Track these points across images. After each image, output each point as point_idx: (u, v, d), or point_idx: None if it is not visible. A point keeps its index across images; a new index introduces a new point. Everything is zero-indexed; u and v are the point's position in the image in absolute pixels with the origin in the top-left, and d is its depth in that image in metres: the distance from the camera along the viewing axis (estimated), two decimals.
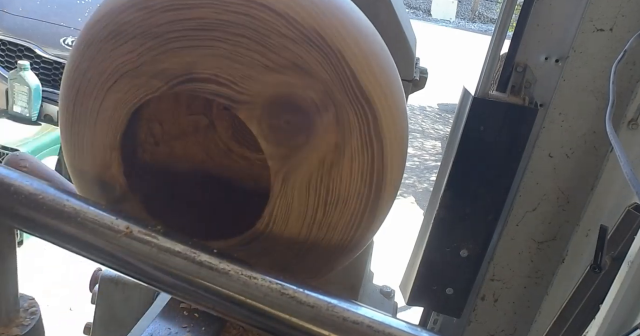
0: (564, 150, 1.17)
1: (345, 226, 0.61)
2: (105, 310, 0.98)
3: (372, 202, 0.61)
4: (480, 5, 18.48)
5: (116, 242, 0.44)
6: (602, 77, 1.11)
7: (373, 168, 0.59)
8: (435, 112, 7.67)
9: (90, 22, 0.60)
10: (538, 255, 1.26)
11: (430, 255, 1.18)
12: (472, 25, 17.14)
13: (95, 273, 1.05)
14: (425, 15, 17.59)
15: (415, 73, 1.02)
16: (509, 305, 1.32)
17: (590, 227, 1.18)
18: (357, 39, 0.58)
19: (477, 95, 1.08)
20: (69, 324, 2.45)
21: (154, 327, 0.70)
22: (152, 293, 0.94)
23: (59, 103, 0.64)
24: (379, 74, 0.59)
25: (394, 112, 0.61)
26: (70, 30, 3.47)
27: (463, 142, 1.10)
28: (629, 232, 0.79)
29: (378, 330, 0.39)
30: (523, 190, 1.21)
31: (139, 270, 0.45)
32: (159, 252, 0.43)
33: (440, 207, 1.14)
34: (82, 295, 2.46)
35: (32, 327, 0.58)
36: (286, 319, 0.40)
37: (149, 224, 0.46)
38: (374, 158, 0.59)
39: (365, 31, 0.61)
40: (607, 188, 1.15)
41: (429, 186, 5.13)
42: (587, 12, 1.07)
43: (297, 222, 0.59)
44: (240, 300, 0.42)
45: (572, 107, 1.14)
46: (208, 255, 0.44)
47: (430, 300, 1.23)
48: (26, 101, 3.08)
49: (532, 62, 1.12)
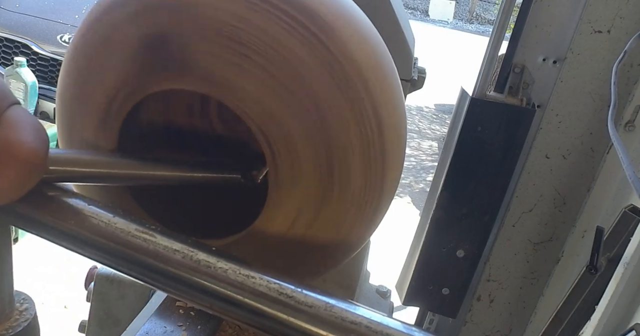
0: (560, 152, 1.18)
1: (343, 225, 0.61)
2: (100, 308, 0.97)
3: (371, 202, 0.61)
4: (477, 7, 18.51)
5: (112, 240, 0.44)
6: (599, 79, 1.11)
7: (372, 167, 0.59)
8: (432, 113, 7.68)
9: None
10: (534, 255, 1.27)
11: (427, 255, 1.18)
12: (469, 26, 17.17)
13: (91, 271, 1.05)
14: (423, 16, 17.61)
15: (414, 73, 1.02)
16: (505, 306, 1.32)
17: (586, 228, 1.19)
18: (358, 39, 0.58)
19: (474, 96, 1.08)
20: (64, 322, 2.44)
21: (149, 325, 0.69)
22: (148, 291, 0.94)
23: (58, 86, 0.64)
24: (379, 74, 0.59)
25: (393, 112, 0.61)
26: (67, 27, 3.46)
27: (460, 143, 1.10)
28: (625, 234, 0.79)
29: (376, 330, 0.39)
30: (520, 191, 1.21)
31: (135, 268, 0.45)
32: (155, 249, 0.43)
33: (436, 207, 1.15)
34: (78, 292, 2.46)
35: (27, 325, 0.58)
36: (284, 319, 0.40)
37: (146, 222, 0.46)
38: (373, 158, 0.59)
39: (366, 31, 0.61)
40: (604, 190, 1.15)
41: (425, 186, 5.14)
42: (585, 13, 1.08)
43: (295, 221, 0.59)
44: (238, 299, 0.42)
45: (570, 109, 1.14)
46: (205, 253, 0.43)
47: (426, 300, 1.23)
48: (22, 98, 3.07)
49: (529, 63, 1.12)
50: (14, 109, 0.37)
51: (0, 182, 0.36)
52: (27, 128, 0.37)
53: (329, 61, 0.55)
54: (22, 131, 0.37)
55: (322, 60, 0.55)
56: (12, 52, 3.39)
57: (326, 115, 0.55)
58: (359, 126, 0.57)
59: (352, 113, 0.56)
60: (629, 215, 0.79)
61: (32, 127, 0.37)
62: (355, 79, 0.56)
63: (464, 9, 18.44)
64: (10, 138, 0.36)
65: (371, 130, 0.58)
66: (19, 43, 3.40)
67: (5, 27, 3.44)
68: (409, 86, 1.02)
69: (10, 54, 3.38)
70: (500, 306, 1.33)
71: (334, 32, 0.56)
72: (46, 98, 3.22)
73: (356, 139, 0.57)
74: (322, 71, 0.55)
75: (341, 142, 0.56)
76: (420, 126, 7.00)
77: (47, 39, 3.41)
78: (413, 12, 17.69)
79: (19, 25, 3.45)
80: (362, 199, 0.60)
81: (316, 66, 0.54)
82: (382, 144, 0.59)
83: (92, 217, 0.44)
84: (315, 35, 0.55)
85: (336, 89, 0.55)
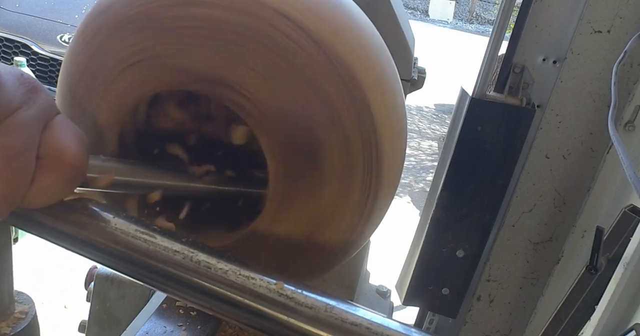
0: (560, 152, 1.18)
1: (343, 226, 0.61)
2: (100, 308, 0.97)
3: (371, 202, 0.61)
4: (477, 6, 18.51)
5: (112, 240, 0.44)
6: (599, 79, 1.11)
7: (371, 167, 0.59)
8: (432, 113, 7.68)
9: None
10: (534, 255, 1.27)
11: (427, 255, 1.18)
12: (469, 26, 17.16)
13: (91, 271, 1.05)
14: (423, 16, 17.60)
15: (414, 73, 1.02)
16: (505, 306, 1.32)
17: (586, 228, 1.19)
18: (357, 39, 0.58)
19: (474, 96, 1.08)
20: (64, 322, 2.44)
21: (149, 325, 0.69)
22: (148, 291, 0.94)
23: (59, 82, 0.64)
24: (379, 74, 0.59)
25: (393, 112, 0.61)
26: (67, 27, 3.46)
27: (460, 143, 1.10)
28: (625, 234, 0.79)
29: (377, 332, 0.39)
30: (519, 190, 1.21)
31: (135, 268, 0.44)
32: (156, 250, 0.43)
33: (436, 207, 1.15)
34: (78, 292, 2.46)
35: (27, 325, 0.58)
36: (284, 320, 0.40)
37: (146, 223, 0.46)
38: (372, 158, 0.59)
39: (366, 31, 0.61)
40: (604, 190, 1.15)
41: (425, 186, 5.14)
42: (585, 13, 1.08)
43: (295, 221, 0.59)
44: (237, 300, 0.41)
45: (570, 109, 1.14)
46: (205, 254, 0.43)
47: (426, 300, 1.23)
48: None
49: (529, 63, 1.12)
50: (61, 118, 0.41)
51: (51, 184, 0.39)
52: (73, 135, 0.40)
53: (329, 61, 0.55)
54: (69, 138, 0.40)
55: (322, 60, 0.55)
56: (12, 52, 3.39)
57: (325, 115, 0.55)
58: (358, 126, 0.57)
59: (352, 114, 0.56)
60: (629, 215, 0.79)
61: (76, 134, 0.41)
62: (355, 79, 0.56)
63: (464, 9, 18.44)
64: (59, 144, 0.39)
65: (371, 130, 0.58)
66: (19, 43, 3.40)
67: (5, 27, 3.43)
68: (409, 86, 1.01)
69: (10, 54, 3.38)
70: (500, 306, 1.33)
71: (333, 33, 0.56)
72: None
73: (356, 139, 0.57)
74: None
75: (341, 142, 0.56)
76: (420, 126, 7.00)
77: (47, 38, 3.41)
78: (413, 12, 17.69)
79: (18, 25, 3.45)
80: (362, 199, 0.60)
81: (316, 66, 0.54)
82: (382, 144, 0.59)
83: (92, 217, 0.44)
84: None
85: (336, 89, 0.55)
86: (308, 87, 0.55)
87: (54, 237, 0.45)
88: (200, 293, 0.43)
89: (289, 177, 0.57)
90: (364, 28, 0.61)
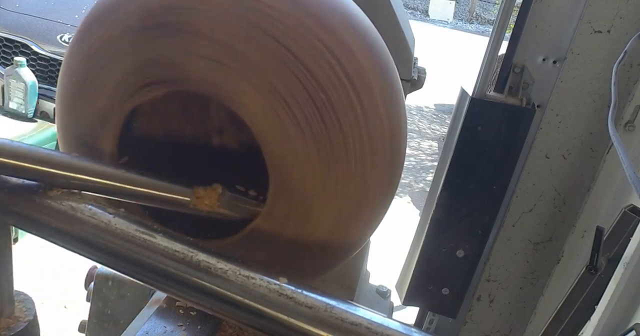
0: (560, 152, 1.18)
1: (343, 225, 0.61)
2: (100, 308, 0.97)
3: (371, 202, 0.61)
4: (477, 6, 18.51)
5: (112, 240, 0.44)
6: (599, 79, 1.11)
7: (371, 167, 0.59)
8: (432, 113, 7.68)
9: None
10: (534, 255, 1.27)
11: (427, 255, 1.18)
12: (469, 26, 17.16)
13: (91, 271, 1.04)
14: (423, 16, 17.60)
15: (414, 73, 1.02)
16: (505, 306, 1.32)
17: (586, 228, 1.19)
18: (358, 40, 0.58)
19: (474, 96, 1.08)
20: (64, 321, 2.44)
21: (149, 325, 0.69)
22: (148, 291, 0.94)
23: (59, 82, 0.64)
24: (379, 74, 0.59)
25: (393, 112, 0.61)
26: (67, 27, 3.46)
27: (460, 142, 1.10)
28: (625, 234, 0.79)
29: (376, 331, 0.39)
30: (519, 190, 1.21)
31: (135, 268, 0.45)
32: (156, 250, 0.43)
33: (436, 207, 1.15)
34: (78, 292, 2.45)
35: (28, 324, 0.58)
36: (284, 320, 0.40)
37: (146, 223, 0.46)
38: (372, 157, 0.59)
39: (366, 31, 0.61)
40: (604, 190, 1.15)
41: (425, 186, 5.14)
42: (585, 13, 1.08)
43: (295, 221, 0.59)
44: (238, 300, 0.41)
45: (569, 109, 1.14)
46: (205, 254, 0.43)
47: (426, 300, 1.23)
48: (22, 98, 3.07)
49: (529, 63, 1.12)
50: None
51: None
52: None
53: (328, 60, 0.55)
54: None
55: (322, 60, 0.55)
56: (12, 52, 3.39)
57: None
58: (358, 126, 0.57)
59: (352, 113, 0.56)
60: (629, 215, 0.79)
61: None
62: (355, 79, 0.56)
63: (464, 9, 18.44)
64: None
65: (372, 130, 0.58)
66: (19, 43, 3.39)
67: (5, 27, 3.43)
68: (409, 86, 1.02)
69: (10, 54, 3.37)
70: (500, 306, 1.32)
71: (333, 33, 0.56)
72: (46, 98, 3.22)
73: (355, 139, 0.57)
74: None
75: (340, 142, 0.56)
76: (420, 126, 6.99)
77: (47, 38, 3.41)
78: (413, 12, 17.69)
79: (18, 25, 3.44)
80: (362, 199, 0.60)
81: (315, 65, 0.54)
82: (382, 144, 0.59)
83: (92, 217, 0.44)
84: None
85: (336, 90, 0.55)
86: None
87: (54, 237, 0.45)
88: (200, 293, 0.43)
89: (289, 180, 0.57)
90: (363, 28, 0.61)
